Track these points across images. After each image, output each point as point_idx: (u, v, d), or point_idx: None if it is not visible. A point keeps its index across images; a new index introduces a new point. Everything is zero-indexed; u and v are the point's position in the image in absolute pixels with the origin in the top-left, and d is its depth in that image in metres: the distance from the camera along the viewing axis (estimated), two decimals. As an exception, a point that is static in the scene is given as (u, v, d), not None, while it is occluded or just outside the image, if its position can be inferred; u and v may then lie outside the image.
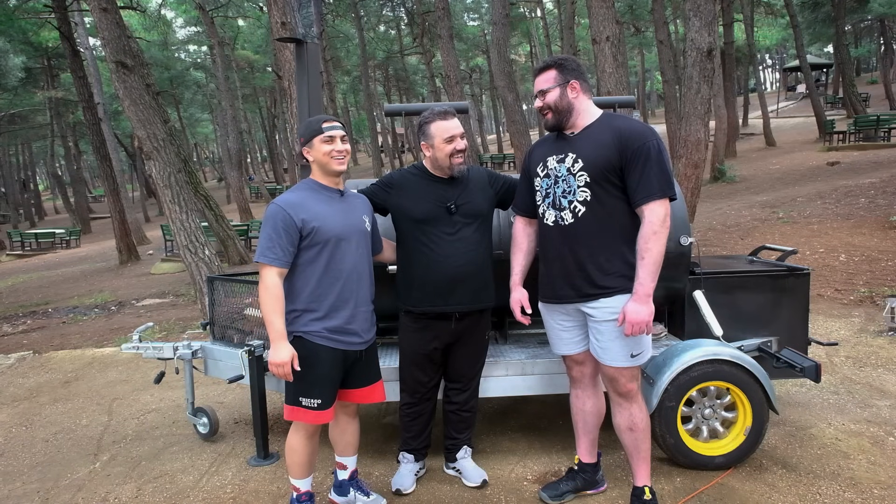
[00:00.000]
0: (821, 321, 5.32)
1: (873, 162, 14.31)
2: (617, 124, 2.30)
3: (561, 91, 2.34)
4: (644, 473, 2.51)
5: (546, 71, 2.37)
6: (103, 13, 6.44)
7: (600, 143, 2.28)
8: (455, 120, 2.60)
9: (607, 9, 7.30)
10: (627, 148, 2.24)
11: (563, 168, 2.35)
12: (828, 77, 34.97)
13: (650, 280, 2.22)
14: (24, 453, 3.60)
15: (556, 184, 2.38)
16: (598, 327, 2.37)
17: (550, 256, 2.44)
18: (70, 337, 7.17)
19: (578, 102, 2.36)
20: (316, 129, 2.36)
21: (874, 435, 3.17)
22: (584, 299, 2.36)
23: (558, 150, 2.39)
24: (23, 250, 22.10)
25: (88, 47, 17.32)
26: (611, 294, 2.32)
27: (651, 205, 2.22)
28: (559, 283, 2.41)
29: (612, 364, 2.37)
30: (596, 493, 2.72)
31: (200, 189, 11.36)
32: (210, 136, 50.57)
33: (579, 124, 2.37)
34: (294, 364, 2.27)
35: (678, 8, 22.82)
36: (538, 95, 2.39)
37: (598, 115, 2.38)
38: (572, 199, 2.33)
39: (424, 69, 32.76)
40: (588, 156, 2.29)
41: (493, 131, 51.92)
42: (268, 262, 2.26)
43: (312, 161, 2.41)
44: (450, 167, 2.58)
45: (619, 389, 2.43)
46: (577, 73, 2.36)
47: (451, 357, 2.77)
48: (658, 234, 2.21)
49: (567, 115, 2.36)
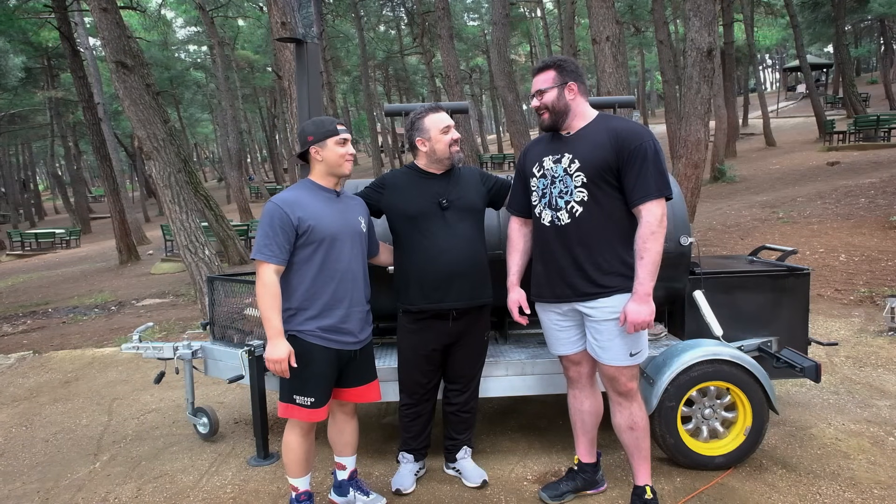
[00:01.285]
0: (821, 321, 5.31)
1: (873, 162, 14.31)
2: (613, 125, 2.32)
3: (559, 92, 2.35)
4: (645, 473, 2.51)
5: (545, 71, 2.39)
6: (103, 13, 6.45)
7: (597, 143, 2.30)
8: (444, 113, 2.66)
9: (607, 9, 7.30)
10: (624, 149, 2.25)
11: (559, 168, 2.37)
12: (828, 77, 34.98)
13: (649, 279, 2.24)
14: (24, 453, 3.60)
15: (552, 184, 2.39)
16: (597, 327, 2.37)
17: (547, 256, 2.45)
18: (70, 337, 7.17)
19: (575, 104, 2.37)
20: (331, 130, 2.38)
21: (874, 435, 3.17)
22: (581, 298, 2.37)
23: (554, 150, 2.41)
24: (23, 250, 22.11)
25: (88, 47, 17.32)
26: (609, 294, 2.33)
27: (648, 205, 2.24)
28: (556, 283, 2.42)
29: (612, 363, 2.38)
30: (596, 493, 2.72)
31: (200, 189, 11.36)
32: (210, 136, 50.57)
33: (575, 125, 2.39)
34: (291, 361, 2.30)
35: (678, 8, 22.82)
36: (535, 95, 2.40)
37: (594, 116, 2.40)
38: (569, 199, 2.34)
39: (424, 69, 32.75)
40: (585, 156, 2.30)
41: (493, 131, 51.92)
42: (264, 259, 2.28)
43: (320, 161, 2.41)
44: (450, 156, 2.62)
45: (619, 389, 2.43)
46: (576, 74, 2.37)
47: (450, 358, 2.77)
48: (656, 234, 2.23)
49: (563, 116, 2.38)
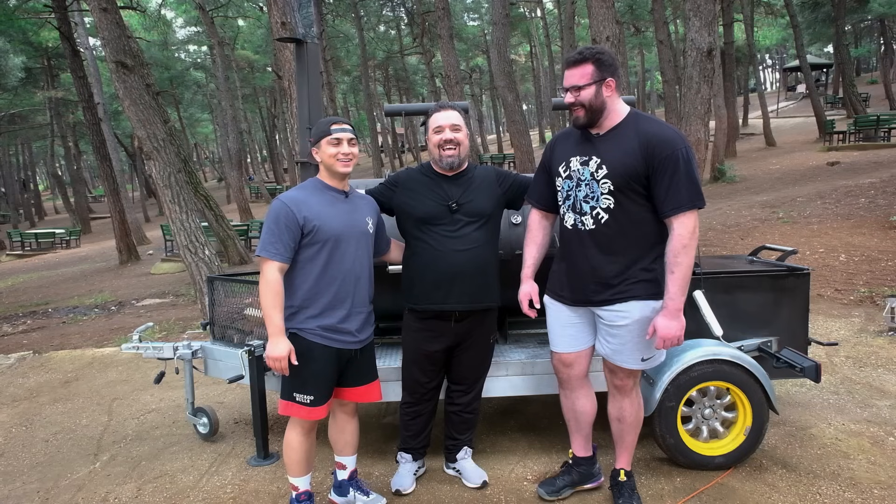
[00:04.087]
0: (821, 321, 5.31)
1: (873, 162, 14.31)
2: (644, 128, 2.19)
3: (597, 89, 2.19)
4: (624, 459, 2.60)
5: (582, 65, 2.19)
6: (103, 13, 6.44)
7: (626, 150, 2.19)
8: (449, 112, 2.58)
9: (607, 9, 7.30)
10: (655, 156, 2.15)
11: (586, 172, 2.27)
12: (828, 77, 34.98)
13: (680, 294, 2.17)
14: (24, 453, 3.60)
15: (577, 187, 2.31)
16: (610, 331, 2.35)
17: (568, 258, 2.41)
18: (70, 337, 7.17)
19: (612, 102, 2.23)
20: (324, 131, 2.39)
21: (874, 435, 3.17)
22: (598, 304, 2.34)
23: (582, 151, 2.30)
24: (23, 250, 22.11)
25: (88, 47, 17.32)
26: (626, 299, 2.28)
27: (681, 217, 2.15)
28: (574, 285, 2.38)
29: (623, 365, 2.39)
30: (593, 487, 2.73)
31: (200, 189, 11.36)
32: (210, 136, 50.57)
33: (607, 125, 2.26)
34: (291, 358, 2.30)
35: (678, 8, 22.82)
36: (570, 91, 2.22)
37: (626, 114, 2.26)
38: (595, 204, 2.27)
39: (424, 69, 32.77)
40: (613, 163, 2.20)
41: (493, 131, 51.93)
42: (268, 257, 2.28)
43: (320, 161, 2.44)
44: (439, 158, 2.57)
45: (615, 382, 2.48)
46: (614, 69, 2.21)
47: (454, 359, 2.76)
48: (688, 248, 2.15)
49: (599, 115, 2.24)
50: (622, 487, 2.58)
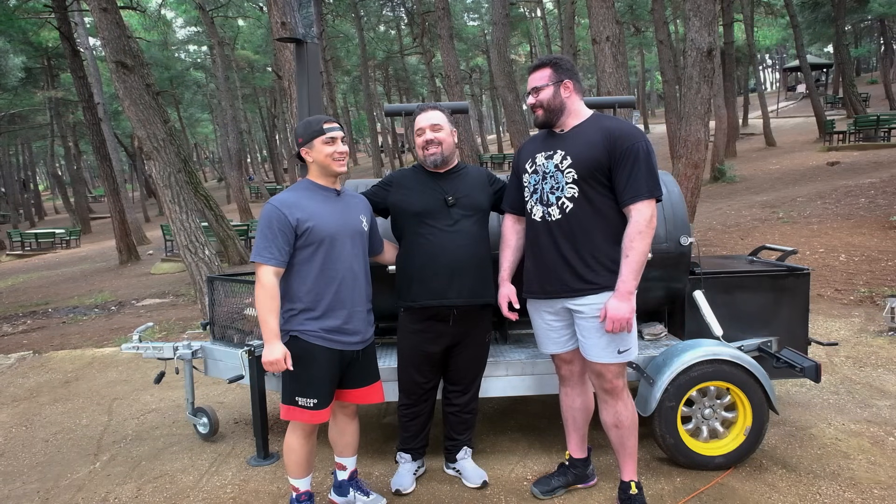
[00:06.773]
0: (821, 321, 5.31)
1: (873, 162, 14.31)
2: (606, 125, 2.34)
3: (554, 90, 2.38)
4: (630, 469, 2.54)
5: (541, 69, 2.41)
6: (103, 13, 6.44)
7: (590, 142, 2.32)
8: (430, 113, 2.63)
9: (607, 9, 7.30)
10: (616, 148, 2.27)
11: (550, 164, 2.39)
12: (828, 77, 34.97)
13: (633, 278, 2.26)
14: (24, 453, 3.60)
15: (543, 179, 2.41)
16: (584, 324, 2.39)
17: (537, 252, 2.46)
18: (70, 337, 7.17)
19: (570, 102, 2.40)
20: (317, 130, 2.36)
21: (874, 435, 3.17)
22: (570, 295, 2.38)
23: (547, 147, 2.43)
24: (23, 250, 22.12)
25: (88, 47, 17.32)
26: (597, 291, 2.34)
27: (638, 205, 2.26)
28: (546, 278, 2.43)
29: (599, 360, 2.39)
30: (586, 488, 2.74)
31: (200, 189, 11.36)
32: (210, 136, 50.58)
33: (569, 123, 2.42)
34: (287, 362, 2.28)
35: (678, 8, 22.81)
36: (531, 92, 2.43)
37: (588, 115, 2.42)
38: (560, 195, 2.36)
39: (424, 69, 32.77)
40: (577, 153, 2.32)
41: (493, 131, 51.91)
42: (263, 262, 2.27)
43: (311, 161, 2.41)
44: (424, 158, 2.63)
45: (605, 386, 2.45)
46: (571, 72, 2.40)
47: (451, 360, 2.77)
48: (643, 234, 2.25)
49: (558, 114, 2.40)
50: (633, 501, 2.51)
